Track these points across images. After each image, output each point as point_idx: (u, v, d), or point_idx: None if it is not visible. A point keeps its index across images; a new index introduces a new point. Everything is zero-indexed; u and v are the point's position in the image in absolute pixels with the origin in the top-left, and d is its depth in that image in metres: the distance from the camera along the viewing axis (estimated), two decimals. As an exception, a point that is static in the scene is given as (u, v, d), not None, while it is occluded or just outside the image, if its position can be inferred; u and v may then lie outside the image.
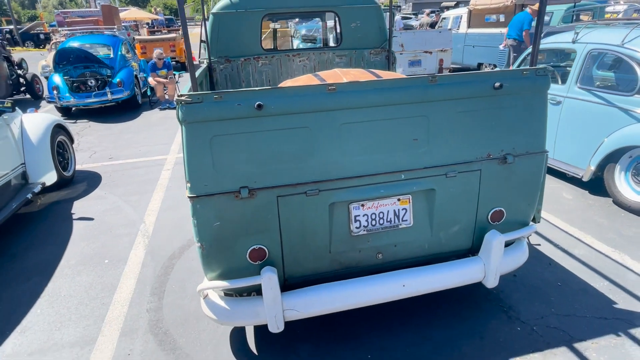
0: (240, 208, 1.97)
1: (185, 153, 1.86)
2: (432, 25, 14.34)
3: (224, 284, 2.07)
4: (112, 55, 8.57)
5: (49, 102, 8.24)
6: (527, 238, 2.60)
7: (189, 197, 1.91)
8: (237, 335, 2.43)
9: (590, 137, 4.03)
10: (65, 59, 8.03)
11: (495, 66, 10.51)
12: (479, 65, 11.28)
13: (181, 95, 1.79)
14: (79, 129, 7.56)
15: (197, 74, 3.04)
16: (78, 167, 5.35)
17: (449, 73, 8.29)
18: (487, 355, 2.23)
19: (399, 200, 2.21)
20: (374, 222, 2.22)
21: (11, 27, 28.68)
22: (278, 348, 2.33)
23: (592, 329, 2.38)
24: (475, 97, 2.10)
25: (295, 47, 9.41)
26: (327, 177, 2.03)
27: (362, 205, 2.17)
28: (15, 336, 2.50)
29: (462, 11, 12.00)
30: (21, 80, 10.38)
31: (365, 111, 1.99)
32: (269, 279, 2.03)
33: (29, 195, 3.93)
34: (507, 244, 2.49)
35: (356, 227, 2.19)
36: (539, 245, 3.23)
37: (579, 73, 4.19)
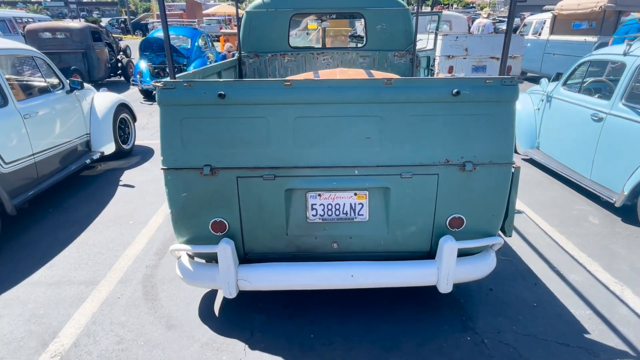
0: (203, 183, 2.25)
1: (160, 131, 2.19)
2: (515, 29, 13.50)
3: (187, 247, 2.38)
4: (189, 46, 9.49)
5: (132, 84, 9.40)
6: (497, 250, 2.54)
7: (162, 168, 2.24)
8: (208, 299, 2.74)
9: (628, 160, 3.69)
10: (149, 48, 9.09)
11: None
12: (558, 75, 10.40)
13: (157, 82, 2.12)
14: (153, 109, 8.53)
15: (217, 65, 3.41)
16: (139, 142, 6.11)
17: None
18: (423, 356, 2.27)
19: (355, 194, 2.34)
20: (329, 212, 2.37)
21: (125, 17, 32.55)
22: (236, 314, 2.60)
23: (548, 353, 2.29)
24: (432, 102, 2.14)
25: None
26: (282, 165, 2.23)
27: (319, 195, 2.33)
28: (44, 270, 3.08)
29: (546, 16, 11.14)
30: (119, 64, 11.90)
31: (320, 107, 2.15)
32: (223, 249, 2.29)
33: (88, 161, 4.65)
34: (471, 253, 2.48)
35: (312, 215, 2.36)
36: (508, 259, 3.10)
37: (626, 89, 3.83)
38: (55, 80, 4.42)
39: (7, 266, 3.11)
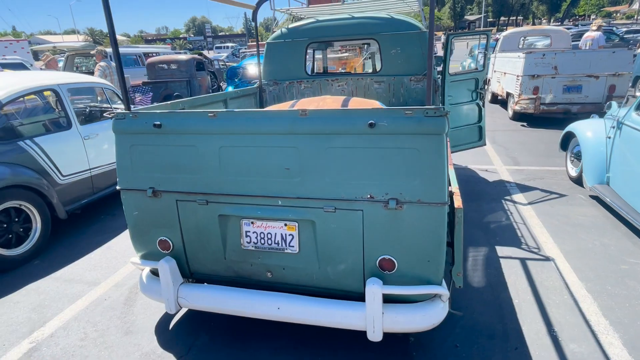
0: (149, 204, 2.47)
1: (115, 155, 2.48)
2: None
3: (138, 262, 2.61)
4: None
5: (219, 108, 10.50)
6: (446, 301, 2.22)
7: (117, 188, 2.52)
8: (168, 315, 2.92)
9: None
10: (235, 75, 10.05)
11: None
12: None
13: (110, 113, 2.42)
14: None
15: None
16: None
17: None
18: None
19: (285, 225, 2.31)
20: (262, 241, 2.37)
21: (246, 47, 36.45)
22: (185, 330, 2.73)
23: None
24: (348, 134, 2.03)
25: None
26: (211, 191, 2.32)
27: (252, 222, 2.36)
28: (68, 268, 3.64)
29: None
30: (219, 90, 13.38)
31: (240, 137, 2.20)
32: (162, 267, 2.46)
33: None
34: (414, 300, 2.22)
35: (247, 242, 2.40)
36: (461, 314, 2.60)
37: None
38: (121, 106, 5.22)
39: (45, 262, 3.76)
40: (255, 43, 4.56)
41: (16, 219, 3.72)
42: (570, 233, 3.78)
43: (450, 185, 2.40)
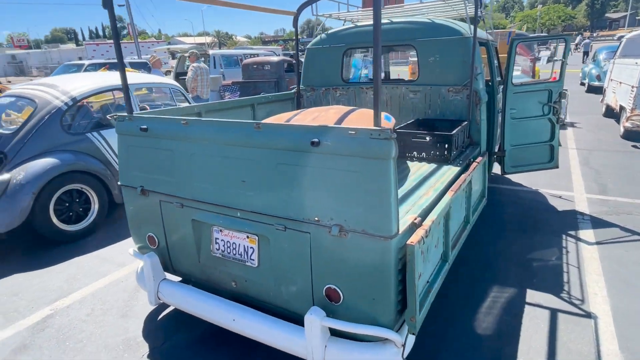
0: (140, 201, 2.65)
1: (117, 153, 2.70)
2: None
3: (131, 253, 2.81)
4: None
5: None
6: (401, 347, 1.95)
7: (119, 184, 2.75)
8: (163, 305, 3.08)
9: None
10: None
11: None
12: None
13: (113, 115, 2.64)
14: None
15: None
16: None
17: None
18: None
19: (247, 237, 2.29)
20: (228, 250, 2.38)
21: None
22: (169, 323, 2.87)
23: None
24: (294, 151, 1.92)
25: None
26: (184, 196, 2.39)
27: (221, 230, 2.39)
28: (109, 247, 4.09)
29: None
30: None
31: (207, 146, 2.22)
32: (145, 262, 2.63)
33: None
34: (363, 340, 2.01)
35: (216, 248, 2.43)
36: None
37: None
38: (185, 104, 5.68)
39: (95, 240, 4.28)
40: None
41: (77, 200, 4.31)
42: (636, 287, 3.04)
43: (418, 216, 2.11)
